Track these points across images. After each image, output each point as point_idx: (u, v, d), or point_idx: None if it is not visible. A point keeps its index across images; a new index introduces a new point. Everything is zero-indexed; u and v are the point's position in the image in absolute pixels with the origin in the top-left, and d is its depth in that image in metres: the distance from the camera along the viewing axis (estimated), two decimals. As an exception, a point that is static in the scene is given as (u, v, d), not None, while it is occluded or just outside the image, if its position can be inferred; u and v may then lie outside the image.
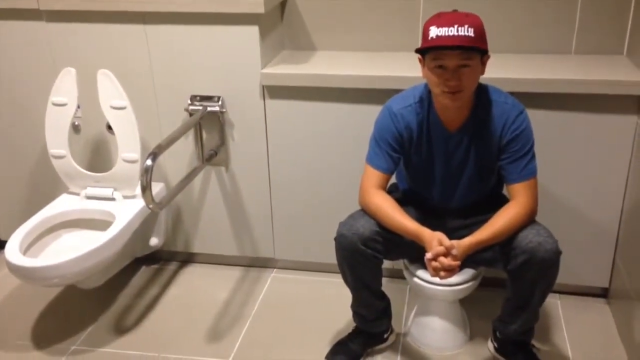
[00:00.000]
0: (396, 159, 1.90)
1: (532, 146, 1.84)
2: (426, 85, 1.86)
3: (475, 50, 1.70)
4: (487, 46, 1.74)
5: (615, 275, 2.30)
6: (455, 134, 1.86)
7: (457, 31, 1.66)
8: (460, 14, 1.71)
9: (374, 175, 1.89)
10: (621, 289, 2.23)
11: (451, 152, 1.89)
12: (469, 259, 1.81)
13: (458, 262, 1.74)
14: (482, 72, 1.78)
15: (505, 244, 1.81)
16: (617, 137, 2.14)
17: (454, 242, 1.74)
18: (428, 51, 1.72)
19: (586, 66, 2.22)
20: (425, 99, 1.87)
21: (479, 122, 1.84)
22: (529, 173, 1.83)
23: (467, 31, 1.66)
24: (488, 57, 1.77)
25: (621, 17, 2.26)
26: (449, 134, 1.87)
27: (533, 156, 1.84)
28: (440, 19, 1.70)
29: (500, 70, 2.11)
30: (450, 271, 1.74)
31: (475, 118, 1.84)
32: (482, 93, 1.85)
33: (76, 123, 2.49)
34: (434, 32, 1.68)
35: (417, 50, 1.75)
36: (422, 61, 1.78)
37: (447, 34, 1.66)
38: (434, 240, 1.75)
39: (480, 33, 1.70)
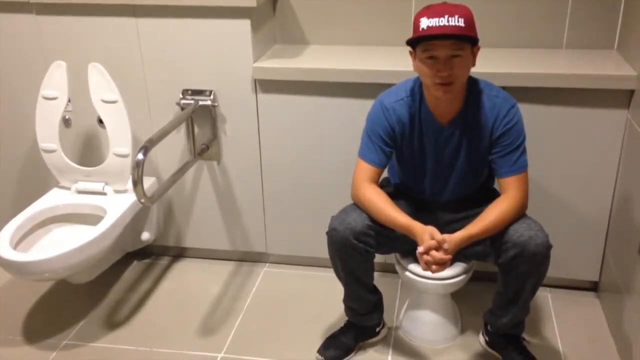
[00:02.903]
0: (388, 153, 1.90)
1: (523, 140, 1.85)
2: (417, 79, 1.86)
3: (466, 39, 1.70)
4: (477, 36, 1.75)
5: (605, 269, 2.32)
6: (446, 127, 1.87)
7: (448, 21, 1.67)
8: (450, 5, 1.71)
9: (366, 169, 1.89)
10: (611, 283, 2.24)
11: (442, 145, 1.89)
12: (460, 253, 1.82)
13: (449, 256, 1.74)
14: (473, 64, 1.78)
15: (496, 237, 1.82)
16: (608, 131, 2.15)
17: (446, 236, 1.75)
18: (419, 42, 1.72)
19: (577, 61, 2.23)
20: (417, 93, 1.87)
21: (471, 115, 1.85)
22: (520, 167, 1.84)
23: (458, 21, 1.67)
24: (478, 48, 1.78)
25: (612, 12, 2.27)
26: (440, 127, 1.87)
27: (524, 150, 1.85)
28: (430, 10, 1.70)
29: (492, 65, 2.12)
30: (442, 265, 1.75)
31: (466, 111, 1.85)
32: (474, 87, 1.85)
33: (67, 117, 2.47)
34: (424, 23, 1.69)
35: (409, 42, 1.75)
36: (413, 54, 1.78)
37: (437, 24, 1.67)
38: (426, 234, 1.75)
39: (471, 23, 1.71)
